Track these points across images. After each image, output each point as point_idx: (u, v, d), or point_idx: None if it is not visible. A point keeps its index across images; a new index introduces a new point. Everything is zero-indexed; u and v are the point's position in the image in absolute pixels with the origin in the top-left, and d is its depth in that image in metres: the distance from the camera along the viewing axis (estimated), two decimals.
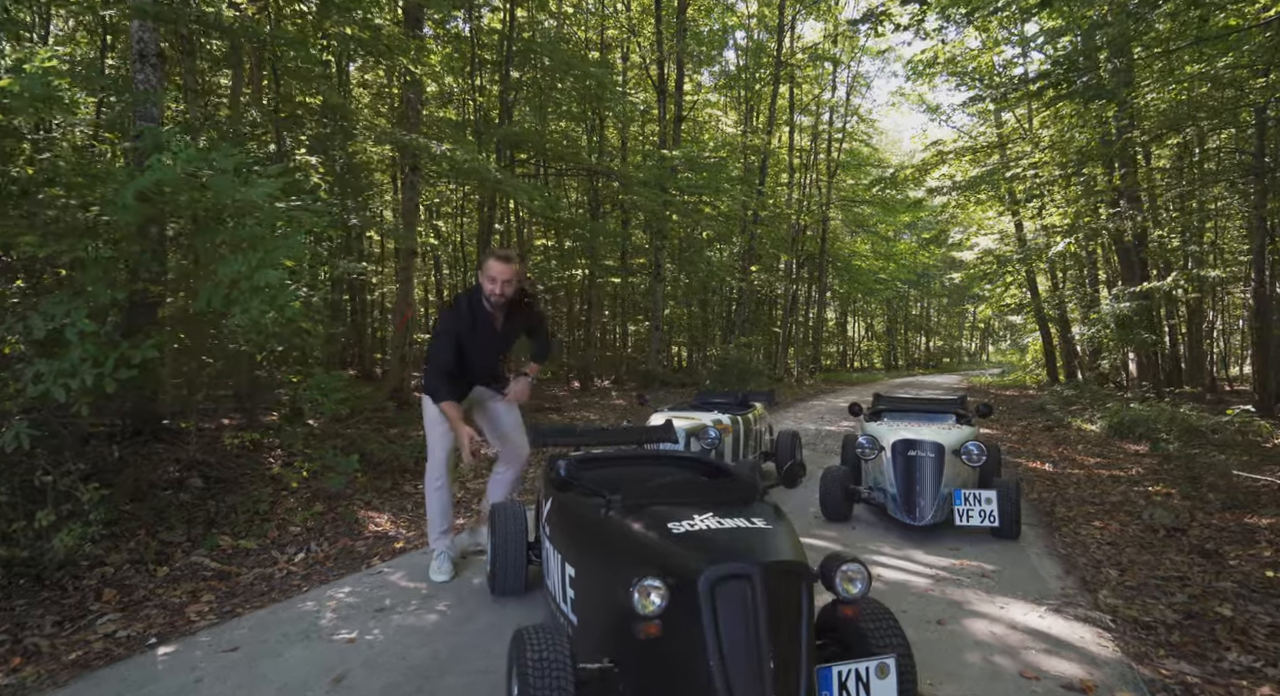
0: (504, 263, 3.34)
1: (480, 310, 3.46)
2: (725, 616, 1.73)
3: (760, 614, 1.73)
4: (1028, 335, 28.63)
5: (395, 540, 4.46)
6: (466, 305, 3.46)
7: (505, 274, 3.32)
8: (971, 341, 53.73)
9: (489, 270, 3.34)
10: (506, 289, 3.34)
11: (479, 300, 3.44)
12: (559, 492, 2.60)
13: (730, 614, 1.74)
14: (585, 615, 2.21)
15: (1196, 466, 6.51)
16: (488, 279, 3.34)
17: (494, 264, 3.34)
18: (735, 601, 1.75)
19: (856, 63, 24.63)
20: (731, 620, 1.73)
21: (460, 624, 2.99)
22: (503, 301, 3.39)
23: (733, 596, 1.75)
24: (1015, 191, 19.40)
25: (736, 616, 1.74)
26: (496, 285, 3.32)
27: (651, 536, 2.00)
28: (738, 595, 1.76)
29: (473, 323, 3.46)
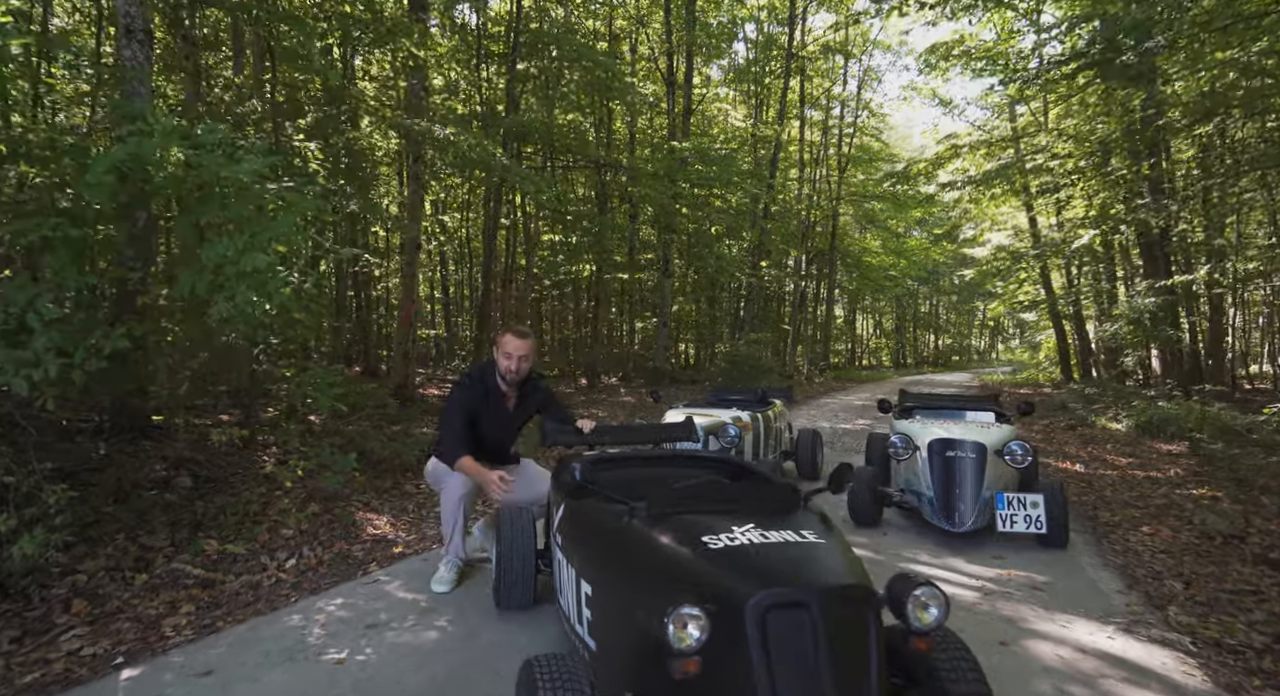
0: (521, 338, 3.31)
1: (494, 386, 3.38)
2: (778, 652, 1.43)
3: (821, 650, 1.43)
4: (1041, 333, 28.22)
5: (394, 544, 4.17)
6: (480, 379, 3.39)
7: (521, 349, 3.29)
8: (981, 339, 53.20)
9: (505, 346, 3.30)
10: (523, 365, 3.29)
11: (493, 376, 3.37)
12: (573, 498, 2.30)
13: (784, 649, 1.43)
14: (605, 641, 1.91)
15: (1242, 468, 6.16)
16: (503, 355, 3.29)
17: (510, 339, 3.30)
18: (790, 634, 1.45)
19: (868, 56, 24.25)
20: (786, 657, 1.43)
21: (462, 642, 2.69)
22: (516, 379, 3.32)
23: (787, 628, 1.45)
24: (1031, 185, 19.05)
25: (792, 652, 1.43)
26: (513, 362, 3.27)
27: (684, 552, 1.70)
28: (793, 627, 1.45)
29: (485, 397, 3.37)
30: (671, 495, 1.93)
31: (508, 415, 3.47)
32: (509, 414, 3.48)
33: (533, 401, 3.55)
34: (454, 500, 3.22)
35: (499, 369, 3.36)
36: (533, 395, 3.54)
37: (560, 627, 2.74)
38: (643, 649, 1.66)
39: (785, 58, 17.94)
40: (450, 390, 3.51)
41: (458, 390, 3.45)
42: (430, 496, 5.36)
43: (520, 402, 3.51)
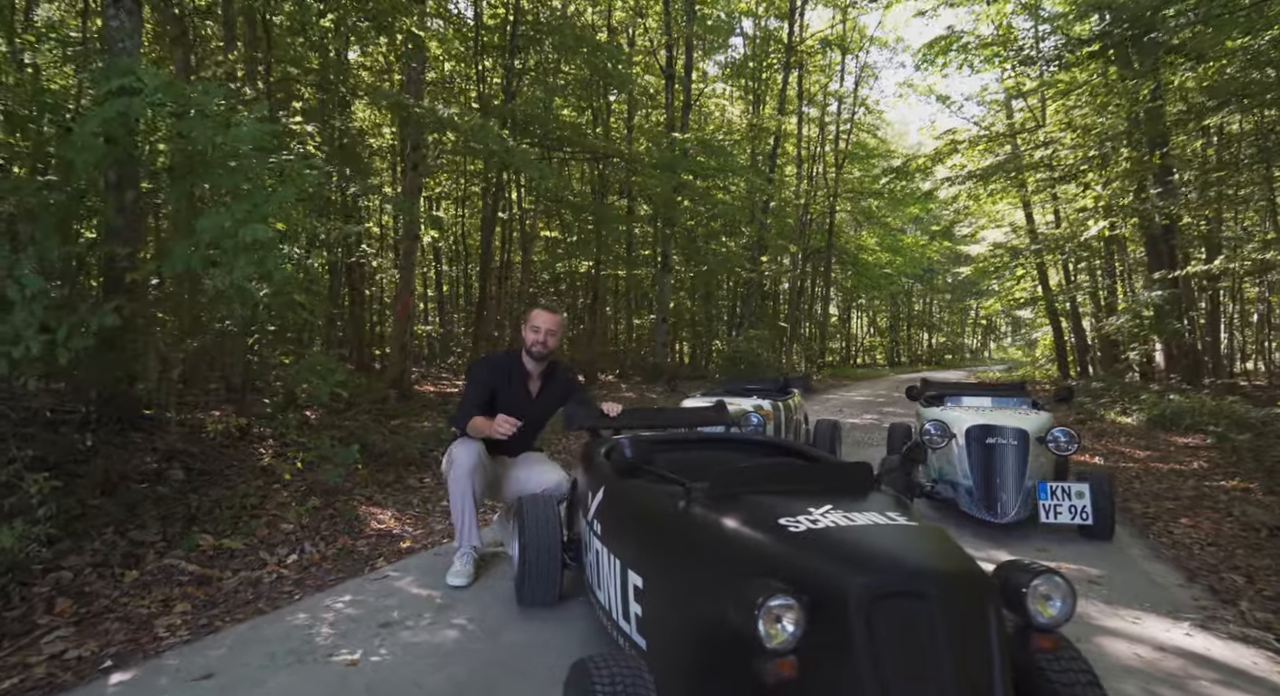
0: (550, 313, 3.20)
1: (518, 367, 3.23)
2: (888, 650, 1.21)
3: (941, 648, 1.21)
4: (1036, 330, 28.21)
5: (401, 539, 3.93)
6: (504, 358, 3.29)
7: (550, 323, 3.16)
8: (974, 338, 53.30)
9: (534, 319, 3.17)
10: (550, 340, 3.17)
11: (518, 356, 3.25)
12: (618, 480, 2.08)
13: (895, 647, 1.22)
14: (660, 639, 1.68)
15: (1268, 459, 6.01)
16: (531, 329, 3.17)
17: (539, 313, 3.19)
18: (902, 629, 1.23)
19: (865, 53, 24.13)
20: (897, 656, 1.21)
21: (483, 641, 2.47)
22: (544, 353, 3.18)
23: (899, 622, 1.23)
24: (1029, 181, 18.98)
25: (904, 650, 1.22)
26: (540, 334, 3.14)
27: (761, 537, 1.48)
28: (906, 621, 1.24)
29: (508, 378, 3.22)
30: (734, 475, 1.71)
31: (529, 402, 3.25)
32: (530, 400, 3.26)
33: (557, 392, 3.33)
34: (462, 476, 2.97)
35: (526, 344, 3.19)
36: (558, 385, 3.34)
37: (592, 624, 2.52)
38: (713, 648, 1.45)
39: (785, 52, 17.75)
40: (470, 368, 3.33)
41: (479, 366, 3.32)
42: (435, 490, 5.13)
43: (544, 391, 3.31)
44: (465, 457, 2.98)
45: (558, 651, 2.36)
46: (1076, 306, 20.57)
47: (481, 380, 3.19)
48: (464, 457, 2.98)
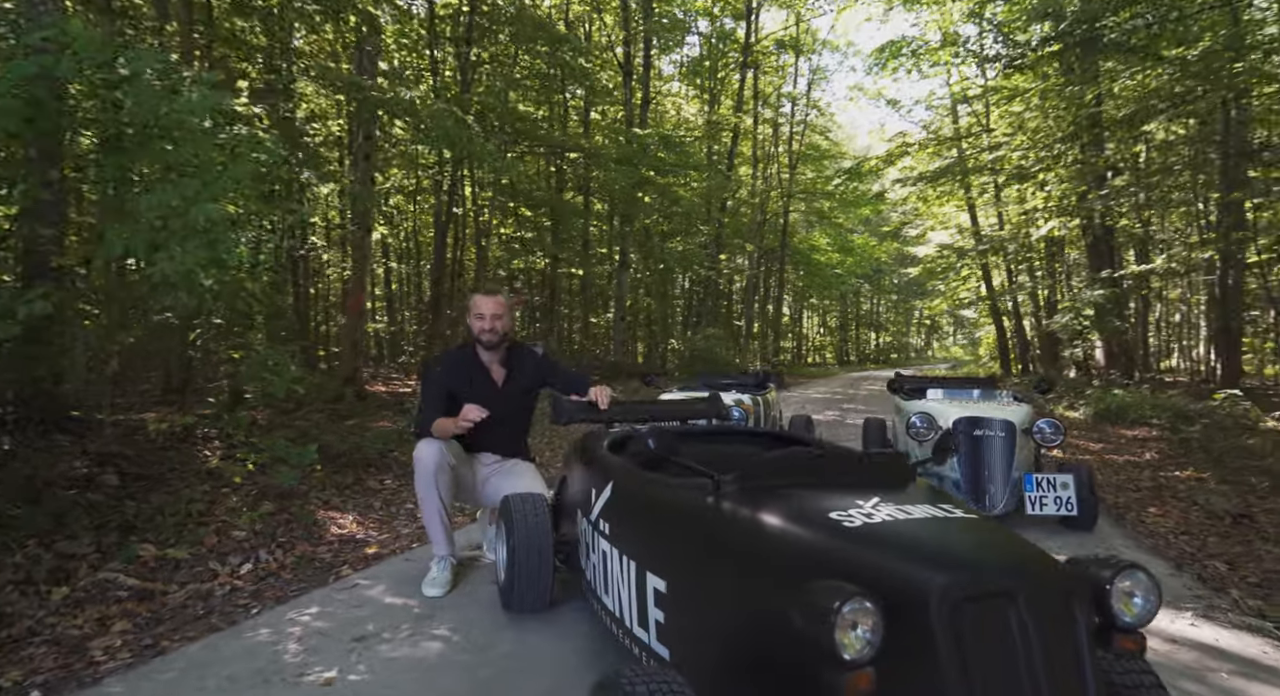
0: (490, 296, 2.97)
1: (474, 361, 3.00)
2: (976, 658, 1.08)
3: (1034, 654, 1.09)
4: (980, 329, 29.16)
5: (365, 544, 3.67)
6: (458, 354, 3.07)
7: (494, 307, 2.93)
8: (918, 337, 54.87)
9: (476, 307, 2.95)
10: (498, 324, 2.93)
11: (471, 350, 3.02)
12: (635, 474, 1.91)
13: (984, 655, 1.09)
14: (689, 649, 1.53)
15: (1216, 449, 6.24)
16: (475, 317, 2.95)
17: (480, 299, 2.96)
18: (991, 635, 1.10)
19: (817, 56, 24.49)
20: (988, 664, 1.08)
21: (472, 653, 2.26)
22: (496, 340, 2.94)
23: (986, 626, 1.11)
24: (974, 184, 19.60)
25: (995, 658, 1.09)
26: (486, 321, 2.92)
27: (809, 533, 1.34)
28: (994, 625, 1.11)
29: (467, 375, 2.97)
30: (765, 466, 1.57)
31: (497, 394, 3.00)
32: (498, 392, 3.01)
33: (527, 374, 3.09)
34: (427, 478, 2.74)
35: (474, 334, 2.97)
36: (526, 368, 3.08)
37: (589, 632, 2.35)
38: (761, 659, 1.30)
39: (742, 51, 17.84)
40: (423, 373, 3.09)
41: (430, 367, 3.07)
42: (398, 492, 4.86)
43: (511, 378, 3.06)
44: (428, 458, 2.76)
45: (555, 663, 2.18)
46: (1018, 306, 21.31)
47: (436, 381, 2.95)
48: (427, 458, 2.76)
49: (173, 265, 2.80)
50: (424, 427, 2.84)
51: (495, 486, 2.99)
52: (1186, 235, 15.14)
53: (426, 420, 2.85)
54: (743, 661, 1.35)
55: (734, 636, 1.38)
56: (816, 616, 1.08)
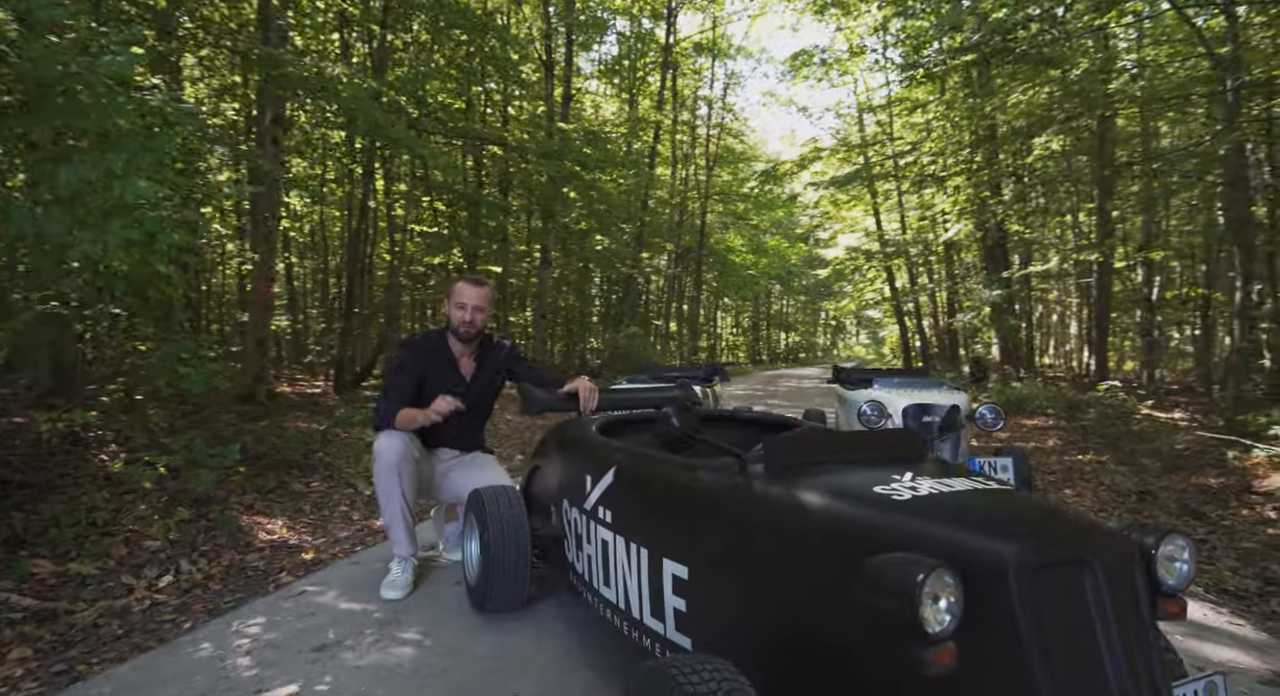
0: (477, 286, 2.82)
1: (445, 350, 2.85)
2: (1053, 627, 1.07)
3: (1109, 621, 1.09)
4: (884, 328, 30.69)
5: (300, 550, 3.39)
6: (429, 341, 2.89)
7: (477, 299, 2.78)
8: (825, 337, 57.17)
9: (458, 295, 2.79)
10: (479, 317, 2.80)
11: (442, 338, 2.87)
12: (644, 457, 1.83)
13: (1060, 623, 1.08)
14: (723, 636, 1.44)
15: (1110, 434, 6.80)
16: (456, 306, 2.79)
17: (465, 287, 2.81)
18: (1066, 602, 1.09)
19: (733, 61, 25.04)
20: (1064, 632, 1.07)
21: (449, 657, 2.11)
22: (473, 333, 2.80)
23: (1061, 594, 1.09)
24: (879, 190, 20.65)
25: (1070, 626, 1.08)
26: (467, 312, 2.77)
27: (859, 508, 1.29)
28: (1069, 592, 1.10)
29: (436, 366, 2.81)
30: (788, 444, 1.52)
31: (465, 386, 2.86)
32: (466, 385, 2.87)
33: (496, 369, 2.95)
34: (387, 471, 2.55)
35: (452, 323, 2.81)
36: (494, 361, 2.95)
37: (575, 630, 2.25)
38: (822, 641, 1.24)
39: (663, 51, 17.99)
40: (393, 357, 2.89)
41: (403, 352, 2.87)
42: (328, 494, 4.55)
43: (480, 372, 2.92)
44: (389, 450, 2.57)
45: (540, 663, 2.07)
46: (919, 306, 22.58)
47: (408, 368, 2.77)
48: (388, 450, 2.57)
49: (96, 247, 2.47)
50: (386, 418, 2.64)
51: (456, 481, 2.83)
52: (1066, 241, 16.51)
53: (389, 409, 2.66)
54: (797, 644, 1.29)
55: (782, 619, 1.32)
56: (897, 590, 1.03)
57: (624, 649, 1.82)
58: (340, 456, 5.44)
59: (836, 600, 1.20)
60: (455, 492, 2.83)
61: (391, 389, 2.74)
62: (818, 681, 1.23)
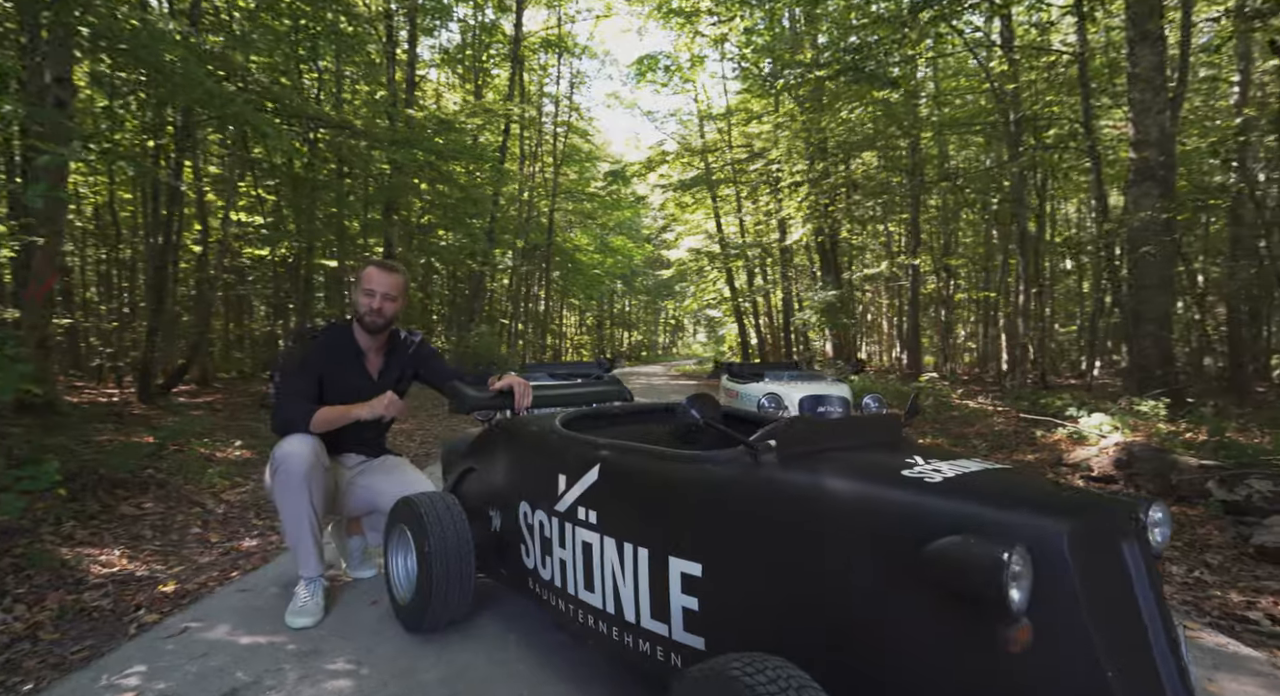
0: (388, 272, 2.55)
1: (351, 344, 2.56)
2: (1101, 596, 1.13)
3: (1138, 584, 1.18)
4: (723, 327, 32.32)
5: (155, 581, 2.88)
6: (331, 334, 2.58)
7: (388, 285, 2.52)
8: (665, 336, 59.12)
9: (367, 281, 2.51)
10: (388, 306, 2.53)
11: (347, 331, 2.58)
12: (638, 452, 1.73)
13: (1107, 591, 1.15)
14: (752, 632, 1.39)
15: (942, 418, 7.65)
16: (364, 292, 2.51)
17: (375, 272, 2.54)
18: (1109, 571, 1.16)
19: (579, 60, 25.11)
20: (1111, 600, 1.15)
21: (396, 684, 1.88)
22: (381, 324, 2.53)
23: (1104, 564, 1.16)
24: (719, 194, 21.79)
25: (1110, 589, 1.15)
26: (375, 300, 2.49)
27: (895, 491, 1.30)
28: (1111, 562, 1.17)
29: (341, 360, 2.53)
30: (795, 431, 1.52)
31: (370, 386, 2.58)
32: (372, 385, 2.58)
33: (406, 365, 2.68)
34: (295, 482, 2.24)
35: (358, 312, 2.52)
36: (404, 357, 2.68)
37: (528, 640, 2.10)
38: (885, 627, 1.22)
39: (513, 43, 17.61)
40: (285, 351, 2.53)
41: (294, 349, 2.52)
42: (168, 516, 3.92)
43: (388, 369, 2.64)
44: (296, 458, 2.25)
45: (505, 678, 1.91)
46: (757, 306, 24.07)
47: (307, 365, 2.45)
48: (295, 458, 2.25)
49: None
50: (296, 419, 2.31)
51: (370, 488, 2.54)
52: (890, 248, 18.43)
53: (297, 410, 2.33)
54: (846, 633, 1.26)
55: (824, 609, 1.29)
56: (983, 570, 1.04)
57: (610, 657, 1.73)
58: (176, 472, 4.72)
59: (888, 584, 1.21)
60: (368, 501, 2.54)
61: (292, 387, 2.40)
62: (877, 670, 1.22)
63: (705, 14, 18.63)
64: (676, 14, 19.43)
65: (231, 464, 5.31)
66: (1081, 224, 19.24)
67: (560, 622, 1.89)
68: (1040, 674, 1.08)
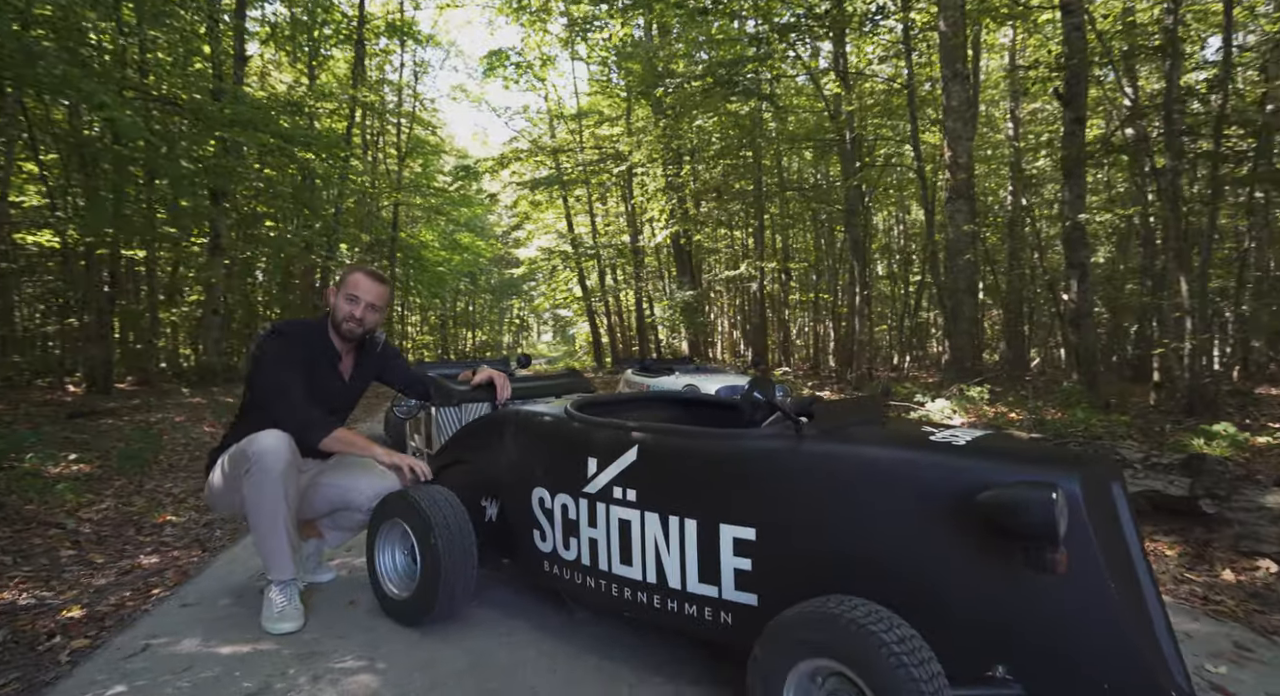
0: (376, 281, 2.46)
1: (326, 343, 2.44)
2: (1103, 534, 1.43)
3: (1125, 523, 1.49)
4: (573, 326, 32.50)
5: (50, 608, 2.54)
6: (307, 331, 2.43)
7: (374, 295, 2.42)
8: (509, 335, 58.11)
9: (352, 287, 2.40)
10: (370, 316, 2.43)
11: (322, 331, 2.45)
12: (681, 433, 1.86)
13: (1106, 530, 1.45)
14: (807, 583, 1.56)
15: None
16: (346, 299, 2.39)
17: (362, 279, 2.43)
18: (1107, 515, 1.47)
19: (424, 49, 24.11)
20: (1109, 538, 1.45)
21: (423, 674, 1.87)
22: (357, 333, 2.43)
23: (1104, 509, 1.47)
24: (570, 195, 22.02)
25: (1109, 528, 1.46)
26: (358, 307, 2.39)
27: (933, 455, 1.55)
28: (1108, 507, 1.48)
29: (317, 360, 2.41)
30: (828, 410, 1.75)
31: (342, 388, 2.49)
32: (343, 386, 2.50)
33: (371, 366, 2.60)
34: (274, 479, 2.12)
35: (337, 317, 2.40)
36: (371, 359, 2.59)
37: (545, 622, 2.18)
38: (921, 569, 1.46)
39: (358, 25, 16.58)
40: (260, 348, 2.35)
41: (279, 345, 2.33)
42: (20, 539, 3.40)
43: (357, 371, 2.55)
44: (275, 455, 2.13)
45: (535, 657, 1.97)
46: (609, 306, 24.55)
47: (295, 362, 2.30)
48: (273, 455, 2.13)
49: None
50: (314, 425, 2.22)
51: (335, 486, 2.43)
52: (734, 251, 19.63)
53: (306, 414, 2.23)
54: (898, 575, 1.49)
55: (876, 555, 1.51)
56: (1039, 508, 1.29)
57: (649, 623, 1.85)
58: (7, 492, 4.06)
59: (938, 530, 1.46)
60: (335, 499, 2.43)
61: (288, 386, 2.24)
62: (933, 601, 1.45)
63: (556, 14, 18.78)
64: (526, 10, 19.37)
65: (75, 480, 4.64)
66: (889, 232, 21.74)
67: (585, 599, 1.99)
68: (1065, 589, 1.38)
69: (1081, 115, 7.20)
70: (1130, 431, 5.49)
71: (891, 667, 1.28)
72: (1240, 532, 2.95)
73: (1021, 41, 14.49)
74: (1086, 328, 7.56)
